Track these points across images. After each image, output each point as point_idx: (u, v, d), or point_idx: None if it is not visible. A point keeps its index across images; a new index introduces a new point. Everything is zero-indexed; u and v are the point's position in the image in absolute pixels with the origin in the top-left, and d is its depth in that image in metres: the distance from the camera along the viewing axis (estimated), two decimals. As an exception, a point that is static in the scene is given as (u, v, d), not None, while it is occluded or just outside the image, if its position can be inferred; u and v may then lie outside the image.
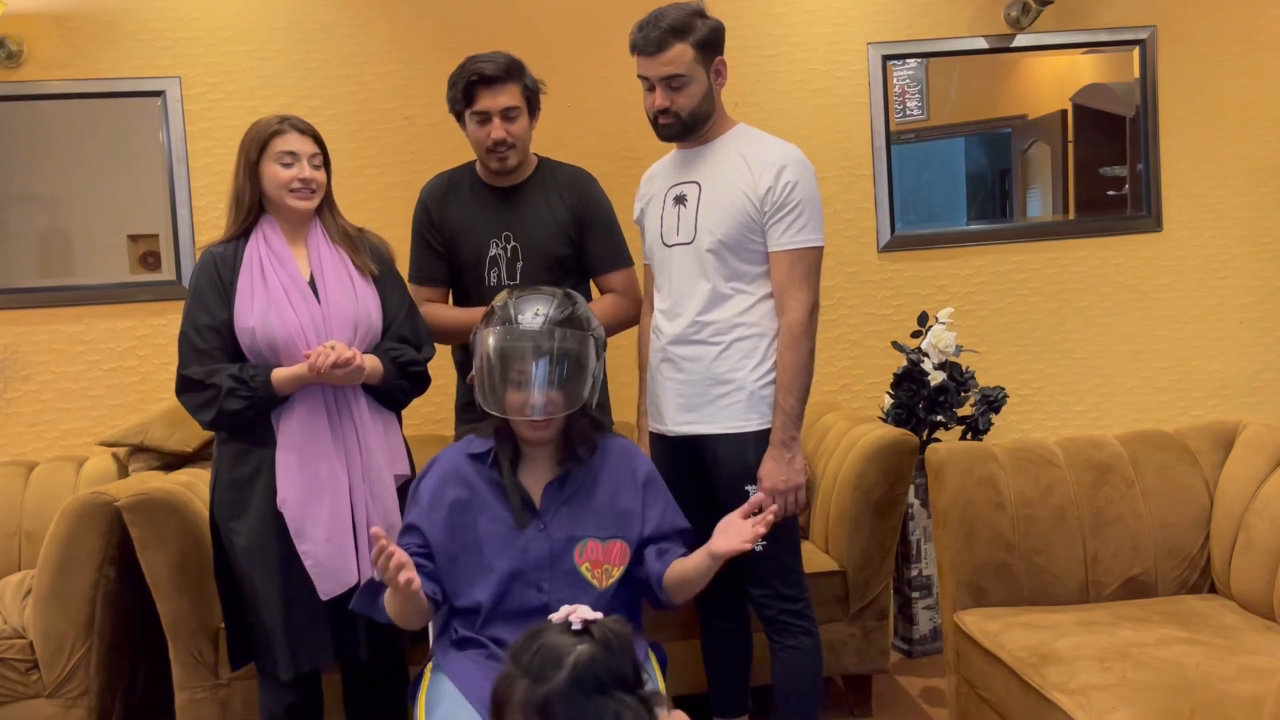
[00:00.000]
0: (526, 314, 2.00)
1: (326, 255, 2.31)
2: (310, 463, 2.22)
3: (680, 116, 2.28)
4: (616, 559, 2.04)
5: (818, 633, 2.38)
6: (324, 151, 2.33)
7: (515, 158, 2.56)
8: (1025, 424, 3.96)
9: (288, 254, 2.28)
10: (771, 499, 2.22)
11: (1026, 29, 3.82)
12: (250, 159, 2.27)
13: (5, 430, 3.54)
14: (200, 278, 2.28)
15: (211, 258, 2.29)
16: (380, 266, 2.38)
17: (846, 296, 3.85)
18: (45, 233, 3.58)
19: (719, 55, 2.30)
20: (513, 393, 1.98)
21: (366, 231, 2.44)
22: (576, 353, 2.00)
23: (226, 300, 2.24)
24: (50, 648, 2.65)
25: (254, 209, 2.29)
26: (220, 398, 2.19)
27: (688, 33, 2.23)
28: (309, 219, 2.33)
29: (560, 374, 1.98)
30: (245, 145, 2.29)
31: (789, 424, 2.24)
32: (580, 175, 2.70)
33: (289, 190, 2.26)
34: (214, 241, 2.33)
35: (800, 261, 2.26)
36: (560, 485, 2.04)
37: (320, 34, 3.60)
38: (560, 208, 2.63)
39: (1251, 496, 2.46)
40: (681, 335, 2.33)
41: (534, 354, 1.97)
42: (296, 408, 2.23)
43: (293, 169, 2.26)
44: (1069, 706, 2.02)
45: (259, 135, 2.27)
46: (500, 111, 2.50)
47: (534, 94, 2.58)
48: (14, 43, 3.42)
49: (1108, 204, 3.99)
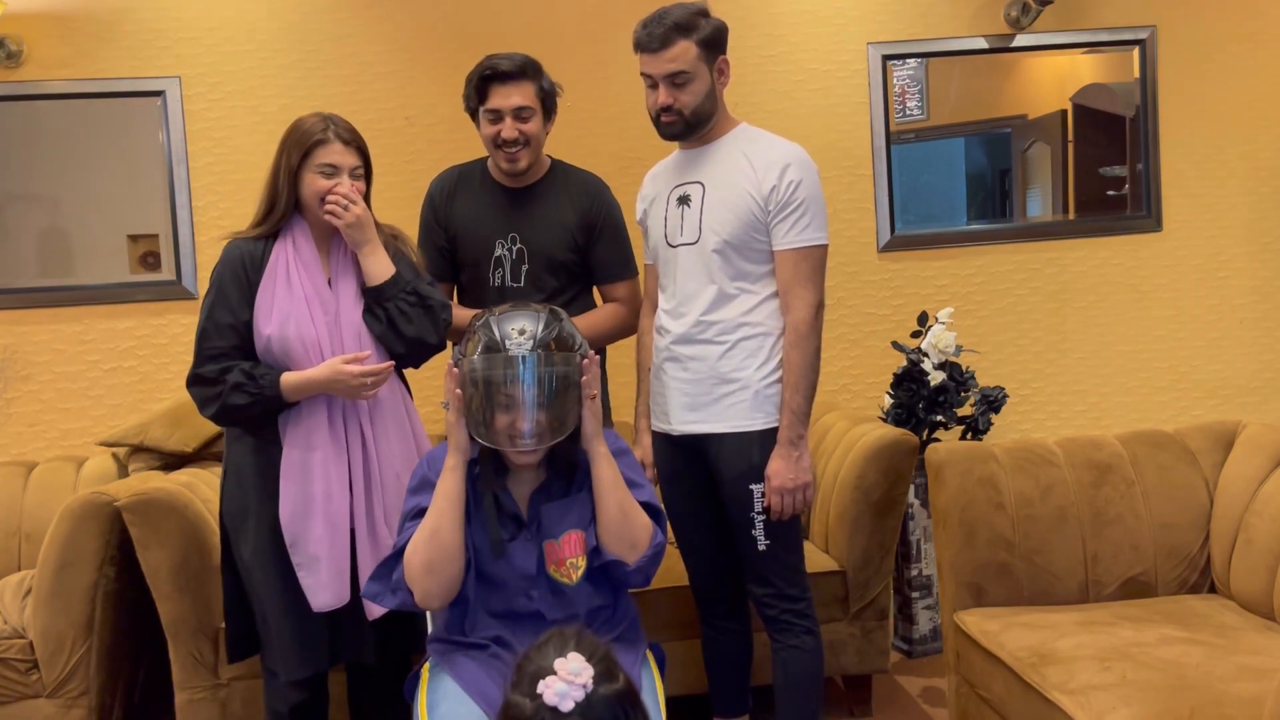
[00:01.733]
0: (512, 336, 1.93)
1: (345, 262, 2.29)
2: (309, 477, 2.19)
3: (683, 115, 2.28)
4: (574, 549, 1.99)
5: (819, 632, 2.39)
6: (367, 161, 2.28)
7: (526, 158, 2.54)
8: (1025, 424, 3.96)
9: (314, 259, 2.26)
10: (779, 497, 2.23)
11: (1026, 29, 3.82)
12: (291, 164, 2.22)
13: (5, 430, 3.55)
14: (226, 273, 2.23)
15: (240, 254, 2.24)
16: (399, 255, 2.33)
17: (847, 296, 3.85)
18: (45, 233, 3.58)
19: (722, 54, 2.30)
20: (501, 417, 1.92)
21: (399, 237, 2.39)
22: (564, 374, 1.95)
23: (249, 300, 2.21)
24: (50, 648, 2.65)
25: (289, 212, 2.25)
26: (226, 392, 2.17)
27: (692, 30, 2.23)
28: None
29: (548, 397, 1.92)
30: (287, 146, 2.23)
31: (796, 422, 2.24)
32: (593, 181, 2.69)
33: (324, 202, 2.22)
34: (243, 234, 2.28)
35: (805, 260, 2.26)
36: (546, 494, 2.03)
37: (320, 34, 3.60)
38: (570, 213, 2.62)
39: (1251, 496, 2.46)
40: (687, 334, 2.33)
41: (522, 378, 1.91)
42: (303, 412, 2.21)
43: (334, 178, 2.22)
44: (1069, 706, 2.02)
45: (302, 140, 2.21)
46: (513, 110, 2.49)
47: (550, 96, 2.56)
48: (14, 43, 3.42)
49: (1108, 204, 3.99)
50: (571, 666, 1.29)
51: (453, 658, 1.97)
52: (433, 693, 1.94)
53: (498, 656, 1.95)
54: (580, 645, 1.33)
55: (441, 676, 1.96)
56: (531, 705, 1.26)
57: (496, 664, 1.94)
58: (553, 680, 1.27)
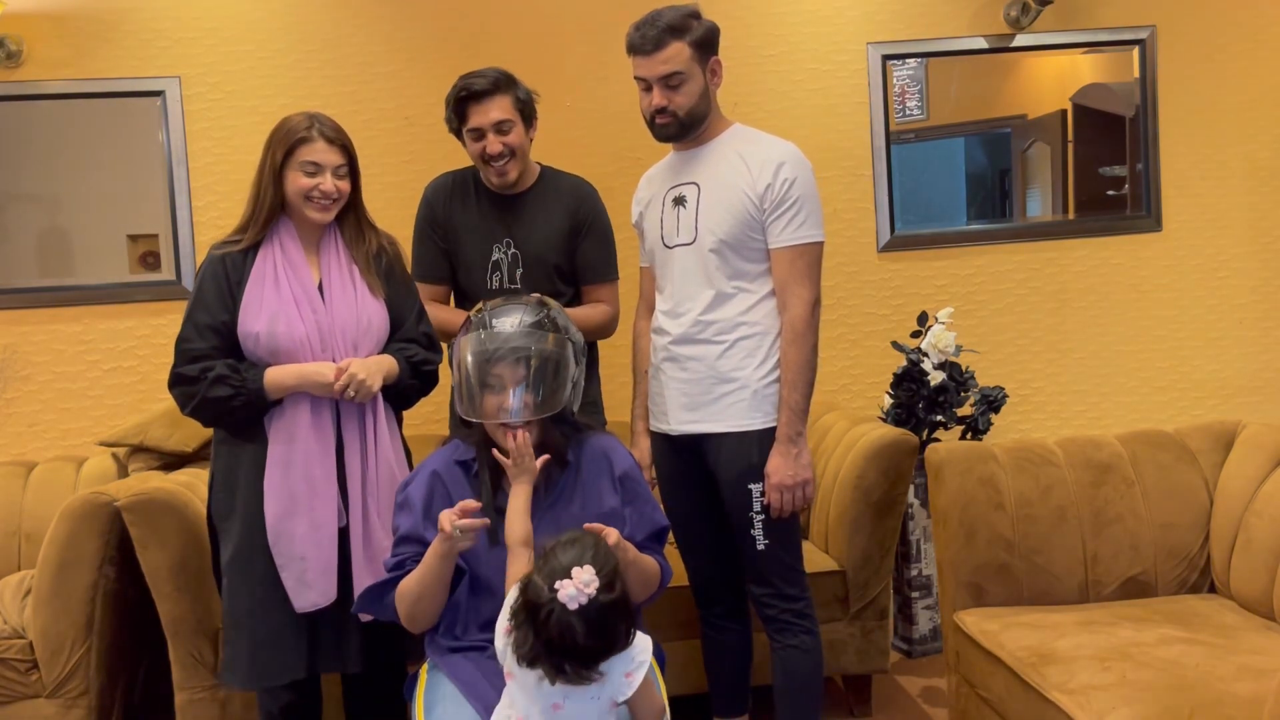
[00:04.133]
0: (502, 320, 2.00)
1: (336, 265, 2.28)
2: (292, 474, 2.18)
3: (678, 116, 2.28)
4: None
5: (819, 632, 2.39)
6: (352, 160, 2.28)
7: (514, 169, 2.58)
8: (1025, 424, 3.96)
9: (301, 261, 2.25)
10: (778, 494, 2.23)
11: (1026, 29, 3.82)
12: (275, 162, 2.22)
13: (5, 430, 3.55)
14: (206, 279, 2.24)
15: (221, 260, 2.24)
16: (390, 270, 2.34)
17: (846, 296, 3.85)
18: (45, 233, 3.58)
19: (714, 55, 2.31)
20: (489, 397, 1.96)
21: (387, 240, 2.39)
22: (551, 355, 1.98)
23: (231, 303, 2.21)
24: (50, 648, 2.65)
25: (275, 212, 2.25)
26: (207, 385, 2.15)
27: (684, 32, 2.24)
28: (326, 226, 2.30)
29: (536, 377, 1.96)
30: (271, 145, 2.24)
31: (795, 419, 2.24)
32: (582, 185, 2.73)
33: (306, 199, 2.22)
34: (224, 241, 2.28)
35: (801, 257, 2.27)
36: (544, 493, 2.04)
37: (320, 34, 3.60)
38: (561, 216, 2.66)
39: (1251, 496, 2.46)
40: (685, 335, 2.33)
41: (509, 356, 1.96)
42: (287, 410, 2.20)
43: (315, 179, 2.22)
44: (1069, 706, 2.02)
45: (286, 138, 2.22)
46: (492, 125, 2.53)
47: (527, 104, 2.60)
48: (14, 43, 3.42)
49: (1107, 204, 3.99)
50: (585, 577, 1.60)
51: (450, 659, 1.97)
52: (430, 693, 1.94)
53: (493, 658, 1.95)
54: (595, 558, 1.64)
55: (439, 677, 1.96)
56: (547, 595, 1.60)
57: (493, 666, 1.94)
58: (567, 583, 1.59)
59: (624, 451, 2.13)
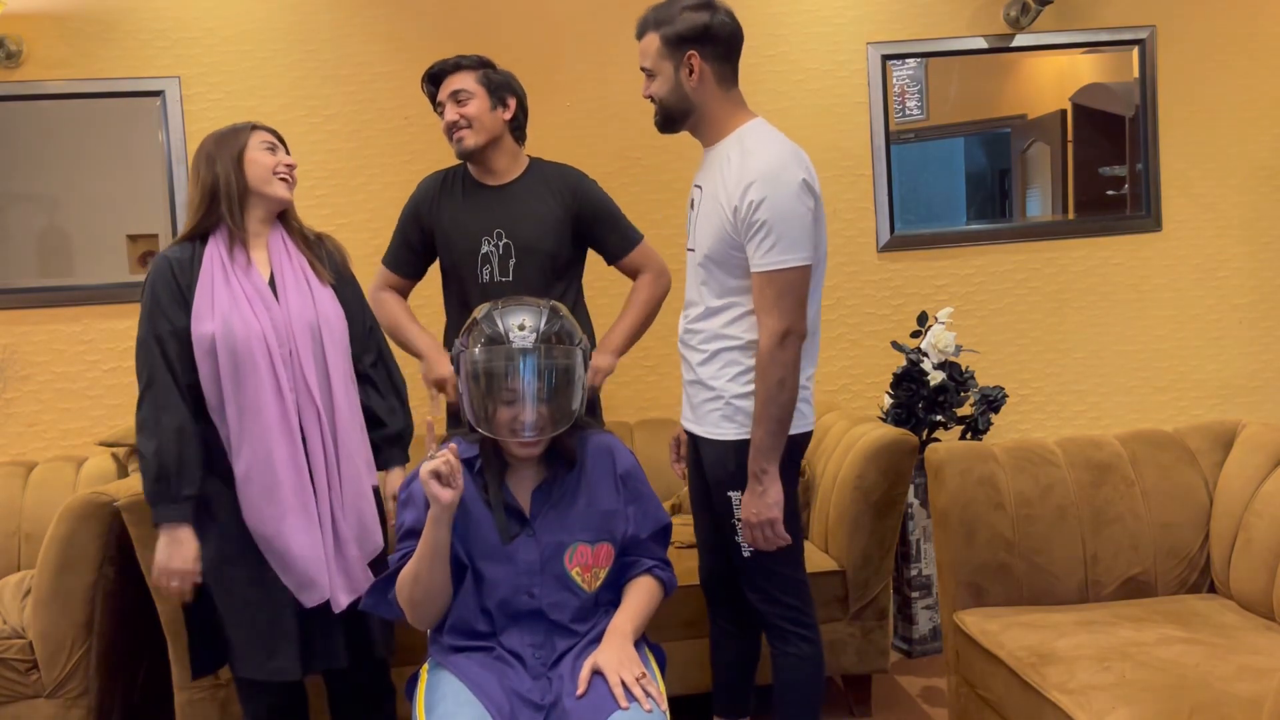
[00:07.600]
0: (514, 329, 1.96)
1: (286, 259, 2.25)
2: (273, 478, 2.15)
3: (659, 107, 2.24)
4: (604, 561, 2.03)
5: (819, 640, 2.33)
6: None
7: (471, 138, 2.62)
8: (1025, 424, 3.96)
9: (247, 257, 2.22)
10: (747, 530, 2.19)
11: (1026, 29, 3.82)
12: (233, 151, 2.21)
13: (5, 430, 3.55)
14: (158, 283, 2.17)
15: (168, 263, 2.19)
16: (337, 274, 2.33)
17: (846, 296, 3.86)
18: (45, 233, 3.58)
19: (692, 51, 2.14)
20: (503, 410, 1.94)
21: (325, 237, 2.38)
22: (566, 367, 1.97)
23: (186, 306, 2.16)
24: (50, 648, 2.65)
25: (244, 196, 2.21)
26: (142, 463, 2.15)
27: (661, 24, 2.16)
28: (272, 220, 2.28)
29: (551, 390, 1.95)
30: (222, 140, 2.23)
31: (758, 456, 2.14)
32: (569, 172, 2.74)
33: (275, 174, 2.22)
34: (169, 245, 2.25)
35: (770, 284, 2.09)
36: (547, 491, 2.03)
37: (320, 34, 3.60)
38: (553, 206, 2.66)
39: (1251, 496, 2.46)
40: (682, 338, 2.33)
41: (524, 372, 1.94)
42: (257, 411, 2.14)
43: (277, 154, 2.25)
44: (1069, 706, 2.02)
45: (234, 130, 2.25)
46: (450, 95, 2.62)
47: (497, 84, 2.65)
48: (14, 43, 3.42)
49: (1107, 204, 3.99)
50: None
51: (452, 657, 1.97)
52: (431, 693, 1.94)
53: (500, 658, 1.95)
54: None
55: (441, 676, 1.96)
56: None
57: (497, 663, 1.94)
58: None
59: (625, 451, 2.13)
